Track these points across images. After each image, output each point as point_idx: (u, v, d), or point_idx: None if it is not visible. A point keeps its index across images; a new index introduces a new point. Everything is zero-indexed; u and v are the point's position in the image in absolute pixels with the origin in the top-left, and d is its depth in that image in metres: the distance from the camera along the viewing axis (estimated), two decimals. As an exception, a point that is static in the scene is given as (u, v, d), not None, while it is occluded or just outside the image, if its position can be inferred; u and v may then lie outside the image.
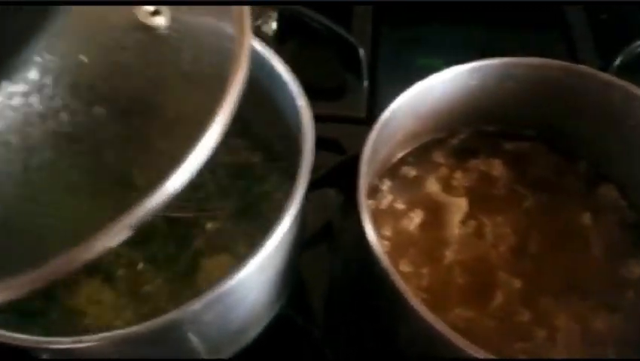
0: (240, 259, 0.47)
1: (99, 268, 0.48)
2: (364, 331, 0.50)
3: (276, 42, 0.71)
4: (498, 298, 0.46)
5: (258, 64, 0.45)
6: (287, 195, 0.50)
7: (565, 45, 0.74)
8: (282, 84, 0.45)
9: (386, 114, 0.45)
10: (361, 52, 0.67)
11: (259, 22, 0.71)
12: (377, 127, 0.45)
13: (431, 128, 0.54)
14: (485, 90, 0.51)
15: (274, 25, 0.72)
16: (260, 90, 0.48)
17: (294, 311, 0.49)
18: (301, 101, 0.43)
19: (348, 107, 0.66)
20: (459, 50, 0.72)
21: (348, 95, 0.67)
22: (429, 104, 0.50)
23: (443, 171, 0.53)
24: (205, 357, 0.45)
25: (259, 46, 0.46)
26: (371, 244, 0.40)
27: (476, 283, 0.47)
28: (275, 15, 0.72)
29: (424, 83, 0.47)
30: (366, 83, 0.67)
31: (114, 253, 0.48)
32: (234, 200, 0.50)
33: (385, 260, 0.39)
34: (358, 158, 0.44)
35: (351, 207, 0.52)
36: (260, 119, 0.53)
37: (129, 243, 0.47)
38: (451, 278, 0.47)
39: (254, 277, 0.40)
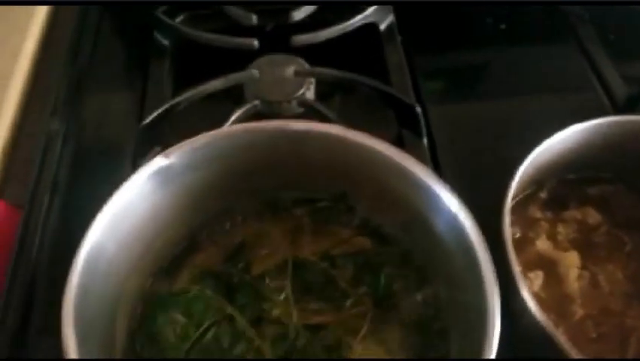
0: (386, 354, 0.49)
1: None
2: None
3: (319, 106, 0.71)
4: (633, 344, 0.50)
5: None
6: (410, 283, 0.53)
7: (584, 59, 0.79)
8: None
9: (520, 171, 0.48)
10: (418, 109, 0.69)
11: (300, 92, 0.72)
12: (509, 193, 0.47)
13: (526, 184, 0.56)
14: (576, 144, 0.55)
15: (312, 91, 0.73)
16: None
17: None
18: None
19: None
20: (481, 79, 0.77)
21: (410, 152, 0.69)
22: (535, 161, 0.52)
23: (544, 226, 0.56)
24: None
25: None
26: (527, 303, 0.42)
27: (608, 334, 0.50)
28: (313, 81, 0.73)
29: (544, 146, 0.50)
30: (425, 140, 0.69)
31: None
32: (366, 293, 0.51)
33: (544, 318, 0.42)
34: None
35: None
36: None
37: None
38: (586, 333, 0.50)
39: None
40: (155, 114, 0.68)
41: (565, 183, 0.58)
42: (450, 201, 0.43)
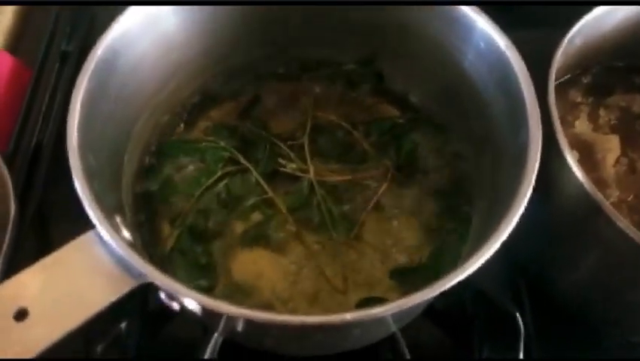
0: (403, 217, 0.47)
1: (261, 240, 0.46)
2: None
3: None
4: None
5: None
6: (436, 149, 0.49)
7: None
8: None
9: (564, 42, 0.44)
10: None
11: None
12: (554, 64, 0.43)
13: (568, 67, 0.52)
14: (620, 27, 0.51)
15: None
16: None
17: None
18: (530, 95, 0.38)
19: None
20: None
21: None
22: (577, 42, 0.48)
23: (585, 110, 0.52)
24: (393, 329, 0.44)
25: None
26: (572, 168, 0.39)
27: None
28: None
29: (584, 20, 0.46)
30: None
31: (275, 222, 0.46)
32: (388, 158, 0.49)
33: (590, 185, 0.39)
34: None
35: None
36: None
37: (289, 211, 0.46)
38: (621, 218, 0.47)
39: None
40: None
41: (610, 70, 0.54)
42: (499, 38, 0.39)
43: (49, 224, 0.56)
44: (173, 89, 0.48)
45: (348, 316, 0.30)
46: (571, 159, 0.39)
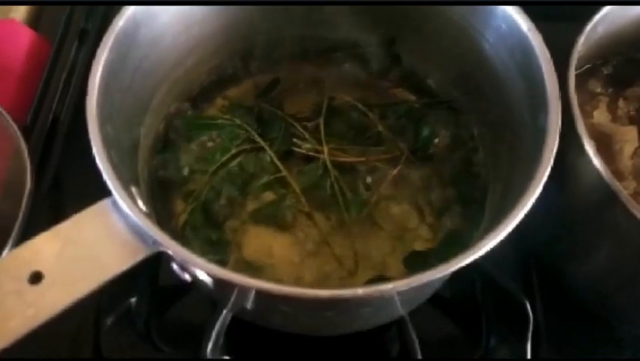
0: (416, 201, 0.47)
1: (273, 218, 0.46)
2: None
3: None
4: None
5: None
6: (452, 134, 0.49)
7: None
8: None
9: (586, 30, 0.44)
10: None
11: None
12: (575, 51, 0.43)
13: (588, 57, 0.52)
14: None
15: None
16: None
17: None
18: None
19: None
20: None
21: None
22: (599, 31, 0.48)
23: (604, 100, 0.52)
24: (401, 311, 0.44)
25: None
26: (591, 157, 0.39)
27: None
28: None
29: (607, 9, 0.45)
30: None
31: (287, 201, 0.46)
32: (403, 141, 0.48)
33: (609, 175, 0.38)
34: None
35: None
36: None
37: (302, 190, 0.46)
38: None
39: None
40: None
41: (631, 61, 0.53)
42: (522, 21, 0.39)
43: (64, 197, 0.57)
44: (192, 64, 0.48)
45: (360, 290, 0.30)
46: (589, 147, 0.39)
